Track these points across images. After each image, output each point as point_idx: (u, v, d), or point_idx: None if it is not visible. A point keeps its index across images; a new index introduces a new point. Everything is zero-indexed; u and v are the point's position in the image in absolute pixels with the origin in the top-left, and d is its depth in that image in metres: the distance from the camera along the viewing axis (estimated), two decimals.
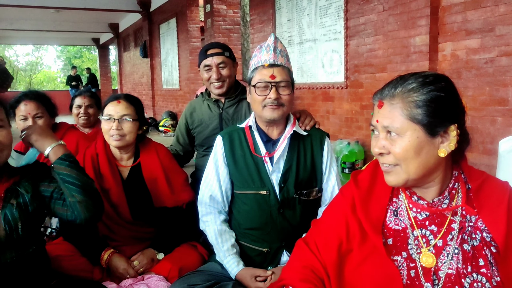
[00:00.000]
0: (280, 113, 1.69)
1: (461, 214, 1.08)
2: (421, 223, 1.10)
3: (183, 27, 9.62)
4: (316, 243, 1.18)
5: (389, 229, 1.12)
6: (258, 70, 1.70)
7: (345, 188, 1.22)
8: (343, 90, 5.02)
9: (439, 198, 1.09)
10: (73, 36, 18.13)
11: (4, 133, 1.39)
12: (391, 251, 1.09)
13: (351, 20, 4.79)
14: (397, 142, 1.03)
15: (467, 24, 3.48)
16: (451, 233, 1.07)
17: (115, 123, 1.92)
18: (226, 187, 1.80)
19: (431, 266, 1.05)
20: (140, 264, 1.85)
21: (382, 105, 1.05)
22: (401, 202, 1.14)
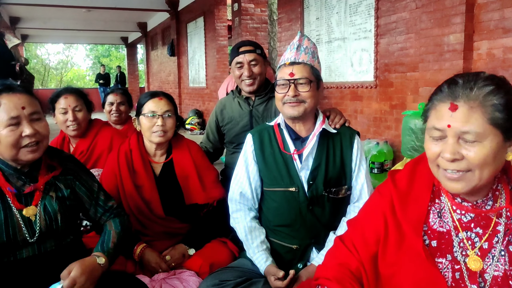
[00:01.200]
0: (300, 110, 1.69)
1: (506, 215, 1.05)
2: (466, 225, 1.07)
3: (211, 26, 9.68)
4: (352, 241, 1.17)
5: (433, 231, 1.09)
6: (280, 69, 1.74)
7: (383, 187, 1.20)
8: (372, 90, 4.96)
9: (483, 200, 1.06)
10: (102, 35, 18.52)
11: (42, 124, 1.45)
12: (435, 253, 1.07)
13: (382, 18, 4.72)
14: (475, 148, 0.97)
15: (504, 22, 3.37)
16: (497, 235, 1.04)
17: (159, 119, 1.96)
18: (255, 184, 1.81)
19: (478, 269, 1.03)
20: (172, 259, 1.88)
21: (456, 108, 0.97)
22: (443, 204, 1.11)
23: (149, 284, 1.69)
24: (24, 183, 1.46)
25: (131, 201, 1.97)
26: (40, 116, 1.45)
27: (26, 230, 1.42)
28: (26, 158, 1.42)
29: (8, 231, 1.39)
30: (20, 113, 1.39)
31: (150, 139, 2.01)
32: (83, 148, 2.54)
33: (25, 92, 1.44)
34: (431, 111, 1.04)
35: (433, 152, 1.03)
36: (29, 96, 1.44)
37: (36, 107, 1.44)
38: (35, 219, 1.44)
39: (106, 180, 2.03)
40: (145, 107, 2.00)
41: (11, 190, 1.43)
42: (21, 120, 1.39)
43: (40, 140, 1.43)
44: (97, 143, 2.56)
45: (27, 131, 1.38)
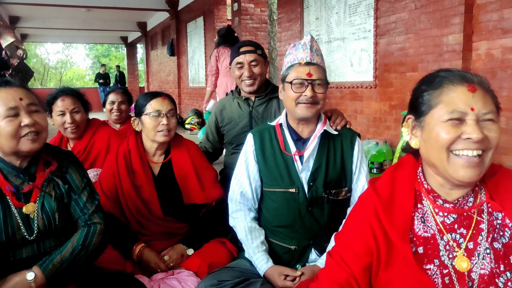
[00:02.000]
0: (314, 111, 1.69)
1: (488, 212, 1.05)
2: (450, 227, 1.06)
3: (210, 26, 9.68)
4: (341, 255, 1.14)
5: (418, 237, 1.08)
6: (294, 68, 1.70)
7: (364, 196, 1.17)
8: (372, 90, 4.96)
9: (464, 197, 1.06)
10: (102, 35, 18.53)
11: (41, 116, 1.46)
12: (422, 260, 1.05)
13: (381, 19, 4.72)
14: (494, 127, 1.00)
15: (503, 22, 3.38)
16: (481, 233, 1.04)
17: (164, 118, 1.96)
18: (256, 184, 1.81)
19: (466, 270, 1.02)
20: (171, 259, 1.88)
21: (475, 89, 0.99)
22: (426, 208, 1.10)
23: (148, 284, 1.69)
24: (23, 181, 1.46)
25: (129, 201, 1.97)
26: (38, 108, 1.46)
27: (24, 229, 1.42)
28: (27, 148, 1.41)
29: (7, 230, 1.40)
30: (18, 104, 1.40)
31: (154, 139, 2.00)
32: (80, 148, 2.54)
33: (21, 86, 1.46)
34: (441, 97, 1.02)
35: (450, 137, 1.00)
36: (26, 89, 1.46)
37: (33, 99, 1.46)
38: (33, 217, 1.44)
39: (105, 180, 2.03)
40: (148, 106, 1.99)
41: (10, 189, 1.43)
42: (20, 111, 1.40)
43: (39, 131, 1.44)
44: (94, 143, 2.56)
45: (26, 121, 1.39)
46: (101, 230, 1.56)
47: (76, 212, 1.56)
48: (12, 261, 1.42)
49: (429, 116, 1.04)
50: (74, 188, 1.57)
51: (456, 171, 1.00)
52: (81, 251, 1.49)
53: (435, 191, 1.09)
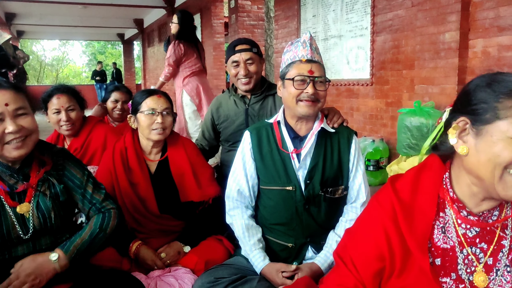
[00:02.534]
0: (315, 109, 1.69)
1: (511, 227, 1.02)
2: (471, 240, 1.02)
3: (207, 23, 9.67)
4: (352, 258, 1.09)
5: (437, 248, 1.03)
6: (295, 65, 1.69)
7: (383, 196, 1.09)
8: (368, 87, 4.97)
9: (489, 210, 1.01)
10: (98, 32, 18.49)
11: (28, 119, 1.43)
12: (439, 272, 1.01)
13: (378, 16, 4.73)
14: None
15: (499, 20, 3.39)
16: (502, 250, 1.01)
17: (159, 116, 1.97)
18: (253, 182, 1.81)
19: (483, 286, 0.99)
20: (167, 256, 1.88)
21: None
22: (448, 218, 1.04)
23: (145, 281, 1.69)
24: (17, 180, 1.45)
25: (126, 198, 1.98)
26: (25, 111, 1.43)
27: (19, 228, 1.43)
28: (11, 155, 1.40)
29: (2, 229, 1.40)
30: (3, 110, 1.36)
31: (149, 137, 2.01)
32: (77, 145, 2.54)
33: (10, 88, 1.41)
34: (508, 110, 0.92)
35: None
36: (14, 92, 1.41)
37: (21, 103, 1.42)
38: (28, 216, 1.44)
39: (102, 178, 2.02)
40: (143, 104, 2.00)
41: (4, 188, 1.43)
42: (4, 117, 1.37)
43: (27, 135, 1.42)
44: (91, 140, 2.56)
45: (10, 128, 1.37)
46: (115, 214, 1.62)
47: (86, 204, 1.59)
48: (8, 259, 1.42)
49: (493, 126, 0.92)
50: (78, 182, 1.57)
51: (506, 190, 0.93)
52: (99, 233, 1.54)
53: (460, 201, 1.03)
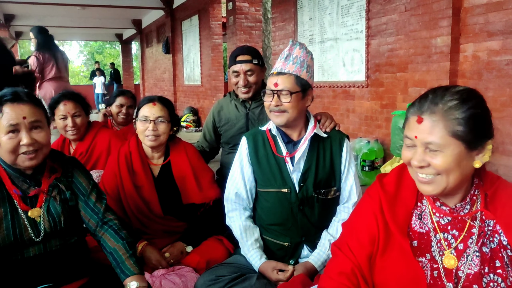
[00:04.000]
0: (283, 119, 1.76)
1: (480, 218, 1.14)
2: (444, 227, 1.16)
3: (205, 24, 9.72)
4: (348, 244, 1.23)
5: (414, 232, 1.18)
6: (269, 78, 1.81)
7: (372, 190, 1.27)
8: (364, 89, 5.07)
9: (461, 204, 1.15)
10: (97, 32, 18.42)
11: (42, 134, 1.50)
12: (416, 252, 1.15)
13: (373, 20, 4.82)
14: (438, 156, 1.06)
15: (489, 25, 3.48)
16: (471, 237, 1.13)
17: (151, 124, 2.03)
18: (250, 185, 1.89)
19: (453, 267, 1.12)
20: (171, 255, 1.96)
21: (421, 121, 1.07)
22: (425, 207, 1.20)
23: (149, 279, 1.76)
24: (29, 186, 1.53)
25: (131, 201, 2.06)
26: (41, 124, 1.50)
27: (31, 230, 1.50)
28: (24, 165, 1.48)
29: (15, 232, 1.48)
30: (19, 122, 1.44)
31: (144, 143, 2.10)
32: (82, 149, 2.62)
33: (30, 102, 1.49)
34: (406, 121, 1.14)
35: (406, 157, 1.13)
36: (33, 105, 1.49)
37: (38, 116, 1.49)
38: (39, 220, 1.51)
39: (107, 181, 2.12)
40: (140, 111, 2.08)
41: (17, 193, 1.50)
42: (20, 128, 1.45)
43: (39, 148, 1.49)
44: (96, 145, 2.64)
45: (24, 140, 1.44)
46: (119, 225, 1.66)
47: (88, 212, 1.64)
48: (20, 259, 1.51)
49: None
50: (83, 191, 1.64)
51: (418, 185, 1.15)
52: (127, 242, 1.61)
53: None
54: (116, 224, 1.65)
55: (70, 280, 1.59)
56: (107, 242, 1.60)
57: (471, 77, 3.66)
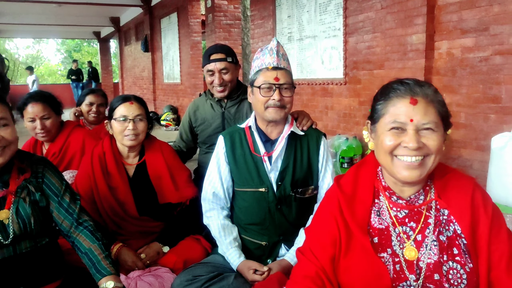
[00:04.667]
0: (282, 114, 1.77)
1: (436, 208, 1.18)
2: (402, 220, 1.19)
3: (184, 22, 9.65)
4: (311, 249, 1.24)
5: (374, 229, 1.20)
6: (262, 72, 1.77)
7: (330, 192, 1.30)
8: (342, 86, 5.11)
9: (415, 195, 1.20)
10: (74, 30, 18.11)
11: (9, 131, 1.48)
12: (377, 249, 1.17)
13: (350, 18, 4.86)
14: (432, 137, 1.11)
15: (462, 23, 3.55)
16: (428, 227, 1.17)
17: (130, 123, 2.01)
18: (227, 184, 1.88)
19: (414, 258, 1.15)
20: (147, 257, 1.94)
21: (416, 102, 1.11)
22: (382, 203, 1.23)
23: (125, 281, 1.74)
24: None
25: (105, 202, 2.03)
26: (6, 122, 1.48)
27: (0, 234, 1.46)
28: None
29: None
30: None
31: (122, 143, 2.06)
32: (55, 150, 2.56)
33: None
34: (388, 108, 1.15)
35: (392, 144, 1.13)
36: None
37: (2, 113, 1.47)
38: (8, 223, 1.48)
39: (81, 183, 2.08)
40: (116, 111, 2.05)
41: None
42: None
43: (6, 145, 1.47)
44: (69, 145, 2.58)
45: None
46: (94, 226, 1.65)
47: (61, 213, 1.61)
48: None
49: (379, 123, 1.18)
50: (55, 191, 1.61)
51: (399, 172, 1.15)
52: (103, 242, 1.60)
53: (390, 188, 1.22)
54: (92, 225, 1.63)
55: (42, 284, 1.56)
56: (82, 242, 1.58)
57: (445, 74, 3.73)
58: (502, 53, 3.28)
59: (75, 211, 1.62)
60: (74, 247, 1.62)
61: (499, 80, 3.31)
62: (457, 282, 1.11)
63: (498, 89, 3.33)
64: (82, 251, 1.57)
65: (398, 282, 1.14)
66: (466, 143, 3.58)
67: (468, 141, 3.57)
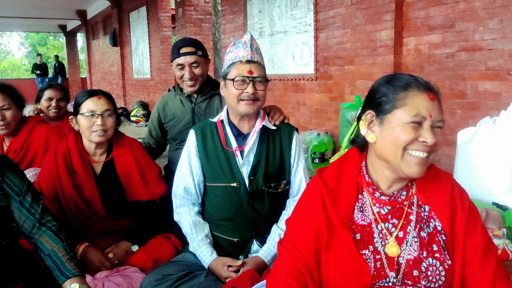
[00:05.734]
0: (255, 108, 1.76)
1: (417, 204, 1.18)
2: (384, 217, 1.19)
3: (154, 16, 9.49)
4: (293, 242, 1.21)
5: (356, 225, 1.19)
6: (235, 65, 1.75)
7: (312, 184, 1.26)
8: (313, 82, 5.13)
9: (398, 191, 1.20)
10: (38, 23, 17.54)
11: None
12: (359, 245, 1.16)
13: (321, 13, 4.88)
14: (440, 134, 1.12)
15: (430, 19, 3.62)
16: (410, 223, 1.17)
17: (99, 118, 1.95)
18: (199, 179, 1.86)
19: (395, 255, 1.14)
20: (115, 256, 1.89)
21: (434, 99, 1.11)
22: (365, 199, 1.21)
23: (91, 282, 1.70)
24: None
25: (70, 201, 1.96)
26: None
27: None
28: None
29: None
30: None
31: (90, 139, 2.00)
32: (16, 146, 2.46)
33: None
34: (407, 100, 1.11)
35: (410, 138, 1.09)
36: None
37: None
38: None
39: (44, 181, 2.00)
40: (83, 106, 1.97)
41: None
42: None
43: None
44: (31, 141, 2.48)
45: None
46: (58, 227, 1.60)
47: (23, 213, 1.56)
48: None
49: (392, 115, 1.12)
50: (17, 190, 1.55)
51: (408, 168, 1.11)
52: (67, 243, 1.55)
53: (374, 184, 1.21)
54: (55, 226, 1.58)
55: (3, 286, 1.50)
56: (45, 244, 1.53)
57: (413, 70, 3.79)
58: (467, 50, 3.37)
59: (38, 211, 1.57)
60: (37, 248, 1.56)
61: (465, 76, 3.40)
62: (435, 279, 1.11)
63: (464, 85, 3.42)
64: (45, 253, 1.52)
65: (378, 279, 1.13)
66: None
67: None
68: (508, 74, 3.10)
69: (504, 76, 3.13)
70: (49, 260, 1.50)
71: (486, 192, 2.82)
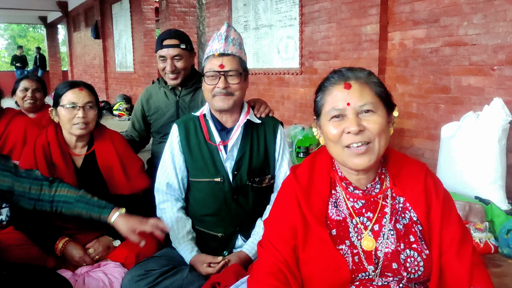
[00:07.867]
0: (230, 103, 1.72)
1: (391, 196, 1.18)
2: (359, 211, 1.18)
3: (137, 8, 9.35)
4: (271, 242, 1.21)
5: (332, 221, 1.19)
6: (209, 60, 1.73)
7: (286, 183, 1.27)
8: (298, 76, 5.12)
9: (372, 184, 1.20)
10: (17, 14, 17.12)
11: None
12: (336, 241, 1.16)
13: (306, 7, 4.87)
14: (373, 118, 1.11)
15: (414, 14, 3.64)
16: (385, 216, 1.17)
17: (80, 111, 1.90)
18: (182, 175, 1.83)
19: (372, 249, 1.14)
20: (96, 251, 1.86)
21: (350, 86, 1.11)
22: (339, 194, 1.21)
23: (72, 278, 1.66)
24: None
25: None
26: None
27: None
28: None
29: None
30: None
31: (71, 131, 1.94)
32: None
33: None
34: (326, 98, 1.15)
35: (336, 132, 1.12)
36: None
37: None
38: None
39: None
40: (64, 98, 1.92)
41: None
42: None
43: None
44: (9, 134, 2.43)
45: None
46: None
47: (23, 181, 1.61)
48: None
49: (322, 116, 1.18)
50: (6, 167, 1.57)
51: (351, 161, 1.13)
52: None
53: (347, 179, 1.21)
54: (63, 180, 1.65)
55: None
56: (67, 194, 1.63)
57: (398, 64, 3.81)
58: (451, 45, 3.39)
59: (39, 174, 1.62)
60: (57, 206, 1.62)
61: (449, 71, 3.43)
62: (414, 270, 1.11)
63: (448, 79, 3.45)
64: (72, 202, 1.60)
65: (357, 273, 1.13)
66: (417, 133, 3.69)
67: (420, 131, 3.68)
68: (491, 69, 3.14)
69: (488, 71, 3.16)
70: (81, 204, 1.62)
71: (469, 186, 2.85)
